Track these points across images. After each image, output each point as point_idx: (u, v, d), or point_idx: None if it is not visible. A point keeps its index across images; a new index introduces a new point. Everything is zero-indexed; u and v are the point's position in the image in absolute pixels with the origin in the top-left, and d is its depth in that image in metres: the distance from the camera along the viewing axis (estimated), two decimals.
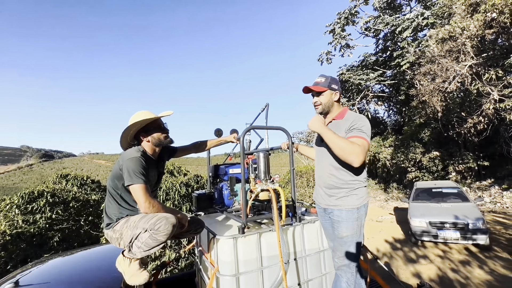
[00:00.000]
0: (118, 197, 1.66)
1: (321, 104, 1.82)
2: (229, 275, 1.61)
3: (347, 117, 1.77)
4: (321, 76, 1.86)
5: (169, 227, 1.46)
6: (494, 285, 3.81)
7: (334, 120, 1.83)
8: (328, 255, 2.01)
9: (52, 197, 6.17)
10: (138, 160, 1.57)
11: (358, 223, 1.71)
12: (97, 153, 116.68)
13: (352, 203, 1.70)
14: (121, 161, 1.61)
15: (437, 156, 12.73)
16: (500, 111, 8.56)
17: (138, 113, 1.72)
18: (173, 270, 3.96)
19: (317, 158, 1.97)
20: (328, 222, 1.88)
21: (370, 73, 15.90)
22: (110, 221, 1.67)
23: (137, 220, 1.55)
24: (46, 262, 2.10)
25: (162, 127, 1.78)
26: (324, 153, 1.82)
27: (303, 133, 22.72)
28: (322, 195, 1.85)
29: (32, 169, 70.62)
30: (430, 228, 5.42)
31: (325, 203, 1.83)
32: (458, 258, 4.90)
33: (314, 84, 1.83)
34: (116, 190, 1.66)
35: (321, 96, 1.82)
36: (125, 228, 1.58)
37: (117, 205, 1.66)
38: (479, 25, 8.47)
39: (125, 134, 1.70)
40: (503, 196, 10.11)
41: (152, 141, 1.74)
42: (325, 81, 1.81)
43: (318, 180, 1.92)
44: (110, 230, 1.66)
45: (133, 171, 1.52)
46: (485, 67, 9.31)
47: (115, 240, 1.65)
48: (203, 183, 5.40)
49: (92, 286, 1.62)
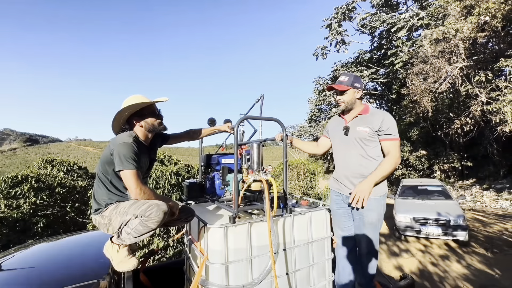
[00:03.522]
0: (107, 182, 1.62)
1: (344, 102, 1.92)
2: (218, 263, 1.61)
3: (372, 112, 1.92)
4: (344, 75, 1.94)
5: (160, 214, 1.44)
6: (470, 279, 4.00)
7: (360, 115, 1.94)
8: (316, 246, 2.05)
9: (36, 182, 6.01)
10: (130, 145, 1.53)
11: (383, 209, 1.86)
12: (85, 140, 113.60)
13: (380, 191, 1.83)
14: (112, 145, 1.56)
15: (424, 155, 13.10)
16: (487, 113, 8.83)
17: (132, 96, 1.67)
18: (161, 258, 3.96)
19: (341, 149, 2.03)
20: (343, 210, 2.00)
21: (364, 70, 16.02)
22: (98, 207, 1.63)
23: (127, 206, 1.52)
24: (30, 247, 2.05)
25: (156, 113, 1.73)
26: (351, 144, 1.93)
27: (295, 128, 22.87)
28: (347, 184, 1.94)
29: (15, 153, 68.32)
30: (413, 224, 5.61)
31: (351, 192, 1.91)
32: (438, 253, 5.11)
33: (338, 83, 1.92)
34: (105, 175, 1.61)
35: (344, 94, 1.91)
36: (114, 214, 1.55)
37: (107, 190, 1.62)
38: (472, 28, 8.62)
39: (118, 117, 1.65)
40: (483, 196, 10.57)
41: (145, 126, 1.69)
42: (348, 80, 1.90)
43: (344, 170, 1.99)
44: (98, 215, 1.62)
45: (124, 156, 1.48)
46: (475, 69, 9.54)
47: (103, 226, 1.62)
48: (194, 173, 5.37)
49: (78, 271, 1.59)
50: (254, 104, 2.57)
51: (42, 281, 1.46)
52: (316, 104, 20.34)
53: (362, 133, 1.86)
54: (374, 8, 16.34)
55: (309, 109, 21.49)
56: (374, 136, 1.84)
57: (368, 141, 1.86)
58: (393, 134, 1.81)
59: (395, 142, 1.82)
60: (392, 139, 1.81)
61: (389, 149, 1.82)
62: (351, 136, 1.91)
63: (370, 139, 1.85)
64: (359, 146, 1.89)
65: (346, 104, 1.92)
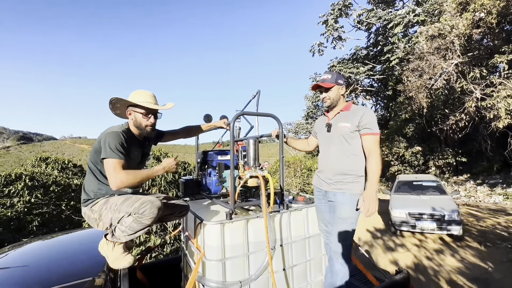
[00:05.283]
0: (97, 172, 1.60)
1: (330, 98, 1.94)
2: (215, 259, 1.61)
3: (354, 109, 1.94)
4: (327, 73, 1.97)
5: (154, 210, 1.44)
6: (464, 272, 4.07)
7: (342, 112, 1.96)
8: (313, 242, 2.06)
9: (31, 180, 5.93)
10: (118, 135, 1.51)
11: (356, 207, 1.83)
12: (80, 137, 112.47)
13: (356, 189, 1.83)
14: (101, 134, 1.55)
15: (419, 151, 13.21)
16: (481, 109, 8.92)
17: (142, 92, 1.67)
18: (158, 255, 3.95)
19: (323, 146, 2.05)
20: (325, 206, 1.98)
21: (360, 66, 16.02)
22: (87, 197, 1.61)
23: (119, 203, 1.50)
24: (24, 245, 2.03)
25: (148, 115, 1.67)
26: (333, 141, 1.94)
27: (292, 125, 22.88)
28: (326, 180, 1.94)
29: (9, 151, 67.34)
30: (409, 219, 5.67)
31: (329, 188, 1.91)
32: (433, 247, 5.18)
33: (322, 81, 1.94)
34: (96, 165, 1.60)
35: (329, 91, 1.94)
36: (104, 210, 1.54)
37: (97, 180, 1.60)
38: (468, 24, 8.66)
39: (115, 101, 1.64)
40: (477, 191, 10.72)
41: (134, 121, 1.67)
42: (332, 77, 1.93)
43: (324, 166, 2.00)
44: (87, 208, 1.60)
45: (109, 145, 1.46)
46: (470, 66, 9.61)
47: (93, 221, 1.60)
48: (190, 170, 5.35)
49: (73, 269, 1.57)
50: (250, 100, 2.56)
51: (37, 279, 1.44)
52: (313, 100, 20.35)
53: (343, 129, 1.88)
54: (370, 4, 16.31)
55: (306, 106, 21.51)
56: (354, 131, 1.85)
57: (349, 137, 1.86)
58: (372, 128, 1.81)
59: (374, 137, 1.82)
60: (371, 133, 1.81)
61: (369, 147, 1.81)
62: (333, 132, 1.94)
63: (351, 135, 1.86)
64: (340, 142, 1.90)
65: (331, 100, 1.94)
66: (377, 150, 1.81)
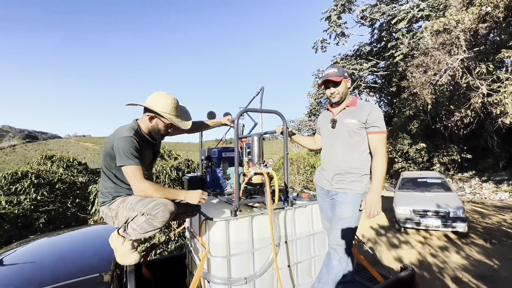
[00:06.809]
0: (113, 176, 1.62)
1: (339, 93, 1.86)
2: (220, 256, 1.62)
3: (360, 104, 1.88)
4: (332, 66, 1.89)
5: (166, 214, 1.44)
6: (469, 269, 4.04)
7: (347, 107, 1.90)
8: (318, 238, 2.06)
9: (36, 178, 6.00)
10: (130, 140, 1.51)
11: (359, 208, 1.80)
12: (84, 136, 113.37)
13: (359, 188, 1.78)
14: (112, 138, 1.55)
15: (423, 147, 13.10)
16: (487, 105, 8.79)
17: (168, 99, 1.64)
18: (163, 252, 3.98)
19: (327, 142, 1.99)
20: (327, 204, 1.95)
21: (364, 63, 15.85)
22: (104, 199, 1.63)
23: (134, 202, 1.52)
24: (31, 242, 2.05)
25: (169, 126, 1.70)
26: (337, 138, 1.88)
27: (295, 122, 22.81)
28: (329, 178, 1.89)
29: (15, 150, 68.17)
30: (413, 216, 5.64)
31: (331, 187, 1.87)
32: (438, 244, 5.15)
33: (330, 76, 1.84)
34: (110, 170, 1.61)
35: (339, 86, 1.85)
36: (121, 208, 1.56)
37: (113, 184, 1.62)
38: (474, 19, 8.51)
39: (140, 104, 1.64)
40: (482, 188, 10.62)
41: (153, 126, 1.67)
42: (338, 71, 1.85)
43: (327, 164, 1.94)
44: (105, 207, 1.63)
45: (124, 151, 1.47)
46: (476, 61, 9.45)
47: (110, 219, 1.62)
48: (194, 167, 5.37)
49: (80, 266, 1.59)
50: (254, 97, 2.55)
51: (44, 275, 1.46)
52: (316, 97, 20.22)
53: (349, 126, 1.81)
54: None
55: (309, 103, 21.37)
56: (361, 129, 1.79)
57: (355, 134, 1.80)
58: (380, 126, 1.77)
59: (381, 136, 1.77)
60: (378, 132, 1.76)
61: (375, 145, 1.77)
62: (338, 129, 1.87)
63: (357, 132, 1.80)
64: (345, 139, 1.84)
65: (341, 95, 1.86)
66: (384, 150, 1.76)
